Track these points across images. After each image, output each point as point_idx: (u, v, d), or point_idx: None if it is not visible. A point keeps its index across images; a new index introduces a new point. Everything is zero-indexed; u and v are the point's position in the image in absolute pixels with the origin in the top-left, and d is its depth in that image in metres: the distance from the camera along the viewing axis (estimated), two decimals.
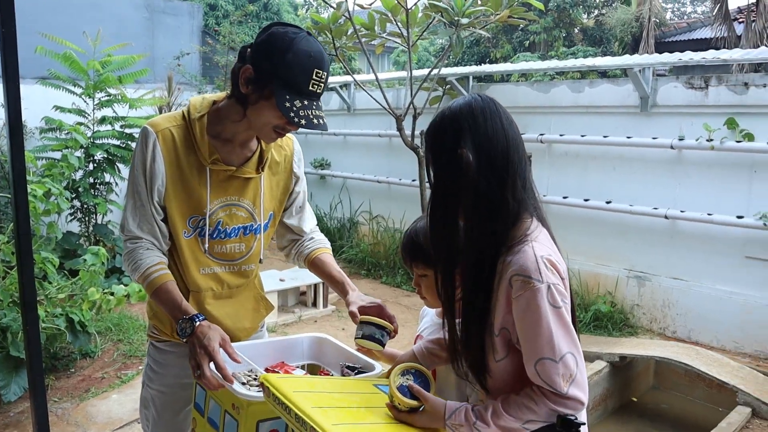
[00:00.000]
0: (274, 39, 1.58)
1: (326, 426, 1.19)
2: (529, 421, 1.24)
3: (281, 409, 1.31)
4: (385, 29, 5.61)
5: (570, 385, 1.21)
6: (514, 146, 1.31)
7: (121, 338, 4.50)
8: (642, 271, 5.15)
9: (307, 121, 1.57)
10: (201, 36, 9.65)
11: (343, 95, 7.70)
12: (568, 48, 12.05)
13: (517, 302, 1.23)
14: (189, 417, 1.89)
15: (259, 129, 1.68)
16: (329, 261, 1.96)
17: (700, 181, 4.77)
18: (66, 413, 3.61)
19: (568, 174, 5.54)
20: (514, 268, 1.23)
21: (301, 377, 1.51)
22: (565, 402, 1.21)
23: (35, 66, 5.47)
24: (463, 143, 1.28)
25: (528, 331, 1.22)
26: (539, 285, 1.21)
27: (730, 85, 4.59)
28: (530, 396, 1.24)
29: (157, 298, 1.70)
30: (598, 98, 5.34)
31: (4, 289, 3.62)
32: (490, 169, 1.28)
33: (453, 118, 1.32)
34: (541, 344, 1.21)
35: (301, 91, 1.58)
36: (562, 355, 1.21)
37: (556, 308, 1.22)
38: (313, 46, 1.59)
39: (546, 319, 1.20)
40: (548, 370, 1.20)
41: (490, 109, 1.32)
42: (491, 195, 1.28)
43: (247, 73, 1.60)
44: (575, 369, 1.22)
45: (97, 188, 5.82)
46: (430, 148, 1.36)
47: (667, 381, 4.65)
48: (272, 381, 1.36)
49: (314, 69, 1.57)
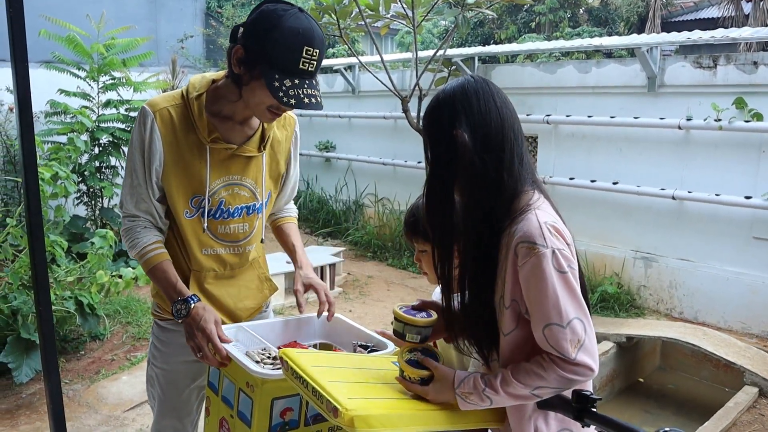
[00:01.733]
0: (262, 17, 1.55)
1: (342, 400, 1.20)
2: (538, 387, 1.24)
3: (298, 383, 1.32)
4: (389, 10, 5.57)
5: (578, 351, 1.21)
6: (509, 125, 1.33)
7: (130, 321, 4.53)
8: (649, 252, 5.14)
9: (297, 101, 1.55)
10: (204, 18, 9.58)
11: (348, 77, 7.66)
12: (573, 28, 11.93)
13: (522, 269, 1.24)
14: (194, 394, 1.91)
15: (254, 109, 1.67)
16: (288, 231, 2.01)
17: (707, 162, 4.74)
18: (77, 395, 3.65)
19: (574, 155, 5.52)
20: (519, 235, 1.25)
21: (319, 352, 1.52)
22: (573, 368, 1.22)
23: (39, 49, 5.43)
24: (458, 125, 1.31)
25: (535, 297, 1.23)
26: (544, 250, 1.22)
27: (738, 65, 4.54)
28: (539, 362, 1.24)
29: (153, 277, 1.73)
30: (604, 78, 5.29)
31: (14, 272, 3.64)
32: (485, 148, 1.30)
33: (448, 101, 1.34)
34: (548, 309, 1.21)
35: (290, 70, 1.55)
36: (570, 320, 1.21)
37: (562, 273, 1.22)
38: (302, 23, 1.54)
39: (552, 284, 1.21)
40: (556, 335, 1.21)
41: (483, 90, 1.33)
42: (487, 174, 1.30)
43: (239, 53, 1.58)
44: (583, 335, 1.23)
45: (102, 172, 5.82)
46: (427, 131, 1.39)
47: (674, 361, 4.66)
48: (291, 355, 1.37)
49: (303, 47, 1.54)
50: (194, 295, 1.69)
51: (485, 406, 1.30)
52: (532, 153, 5.89)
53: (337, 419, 1.19)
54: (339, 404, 1.19)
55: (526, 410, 1.33)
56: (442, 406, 1.34)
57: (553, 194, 5.68)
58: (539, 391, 1.25)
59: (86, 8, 6.01)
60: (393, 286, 5.83)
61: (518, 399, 1.28)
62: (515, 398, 1.27)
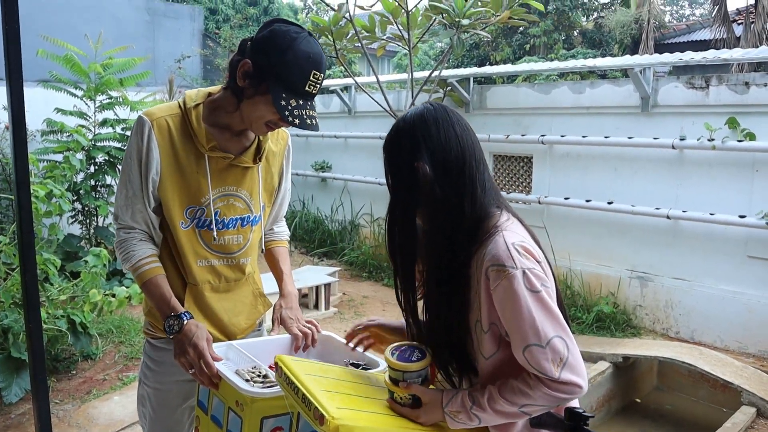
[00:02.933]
0: (275, 36, 1.60)
1: (330, 408, 1.19)
2: (525, 405, 1.22)
3: (290, 389, 1.30)
4: (385, 31, 5.62)
5: (562, 369, 1.19)
6: (470, 152, 1.33)
7: (123, 340, 4.49)
8: (644, 271, 5.14)
9: (300, 121, 1.60)
10: (202, 39, 9.67)
11: (344, 98, 7.70)
12: (568, 50, 12.06)
13: (495, 292, 1.23)
14: (185, 414, 1.89)
15: (251, 122, 1.68)
16: (278, 256, 2.01)
17: (701, 181, 4.76)
18: (67, 415, 3.60)
19: (569, 175, 5.54)
20: (488, 258, 1.24)
21: (315, 363, 1.51)
22: (559, 386, 1.19)
23: (37, 68, 5.47)
24: (419, 155, 1.31)
25: (511, 320, 1.22)
26: (513, 271, 1.21)
27: (730, 85, 4.59)
28: (525, 380, 1.22)
29: (146, 290, 1.73)
30: (599, 99, 5.34)
31: (5, 290, 3.61)
32: (446, 177, 1.30)
33: (408, 130, 1.35)
34: (525, 331, 1.20)
35: (297, 91, 1.60)
36: (549, 339, 1.19)
37: (535, 292, 1.21)
38: (314, 48, 1.60)
39: (526, 305, 1.20)
40: (536, 356, 1.19)
41: (443, 118, 1.34)
42: (448, 202, 1.30)
43: (246, 67, 1.61)
44: (566, 352, 1.20)
45: (98, 191, 5.81)
46: (387, 161, 1.39)
47: (671, 381, 4.64)
48: (286, 361, 1.36)
49: (312, 71, 1.60)
50: (187, 311, 1.68)
51: (474, 424, 1.28)
52: (527, 173, 5.91)
53: (322, 427, 1.18)
54: (326, 412, 1.18)
55: (516, 425, 1.31)
56: (430, 428, 1.32)
57: (548, 214, 5.75)
58: (527, 409, 1.23)
59: (84, 28, 6.05)
60: (388, 306, 5.80)
61: (507, 417, 1.26)
62: (503, 416, 1.25)
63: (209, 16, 11.35)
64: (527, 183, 5.94)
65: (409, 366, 1.34)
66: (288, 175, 1.98)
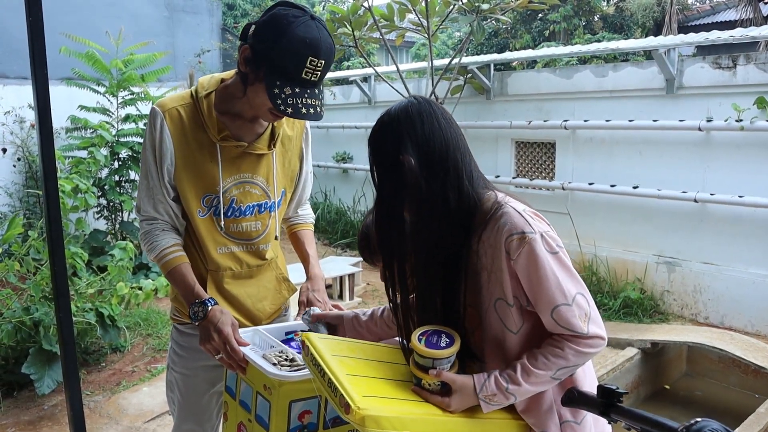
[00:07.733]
0: (273, 21, 1.54)
1: (356, 397, 1.19)
2: (559, 369, 1.25)
3: (315, 370, 1.30)
4: (404, 19, 5.59)
5: (589, 324, 1.24)
6: (455, 144, 1.34)
7: (150, 332, 4.55)
8: (671, 256, 5.05)
9: (294, 110, 1.54)
10: (221, 33, 9.70)
11: (364, 88, 7.69)
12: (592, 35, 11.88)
13: (518, 261, 1.25)
14: (214, 399, 1.90)
15: (256, 109, 1.66)
16: (303, 239, 2.00)
17: (729, 163, 4.66)
18: (98, 406, 3.66)
19: (593, 160, 5.46)
20: (505, 230, 1.25)
21: (342, 340, 1.49)
22: (587, 341, 1.24)
23: (60, 66, 5.53)
24: (403, 149, 1.31)
25: (536, 284, 1.24)
26: (533, 236, 1.24)
27: (759, 64, 4.47)
28: (553, 344, 1.26)
29: (171, 279, 1.74)
30: (622, 82, 5.25)
31: (35, 284, 3.67)
32: (430, 171, 1.31)
33: (392, 125, 1.35)
34: (552, 292, 1.23)
35: (292, 78, 1.54)
36: (573, 296, 1.24)
37: (554, 254, 1.25)
38: (311, 32, 1.52)
39: (549, 267, 1.24)
40: (565, 315, 1.23)
41: (426, 112, 1.34)
42: (434, 195, 1.31)
43: (246, 52, 1.58)
44: (588, 307, 1.26)
45: (122, 186, 5.88)
46: (372, 156, 1.39)
47: (701, 367, 4.56)
48: (312, 340, 1.35)
49: (309, 56, 1.52)
50: (211, 298, 1.69)
51: (508, 403, 1.29)
52: (550, 159, 5.85)
53: (348, 416, 1.18)
54: (352, 401, 1.18)
55: (545, 400, 1.32)
56: (458, 413, 1.31)
57: (572, 200, 5.68)
58: (561, 372, 1.26)
59: (105, 25, 6.11)
60: None
61: (539, 386, 1.28)
62: (537, 386, 1.27)
63: (227, 11, 11.38)
64: (550, 169, 5.87)
65: (440, 353, 1.31)
66: (308, 157, 1.96)
